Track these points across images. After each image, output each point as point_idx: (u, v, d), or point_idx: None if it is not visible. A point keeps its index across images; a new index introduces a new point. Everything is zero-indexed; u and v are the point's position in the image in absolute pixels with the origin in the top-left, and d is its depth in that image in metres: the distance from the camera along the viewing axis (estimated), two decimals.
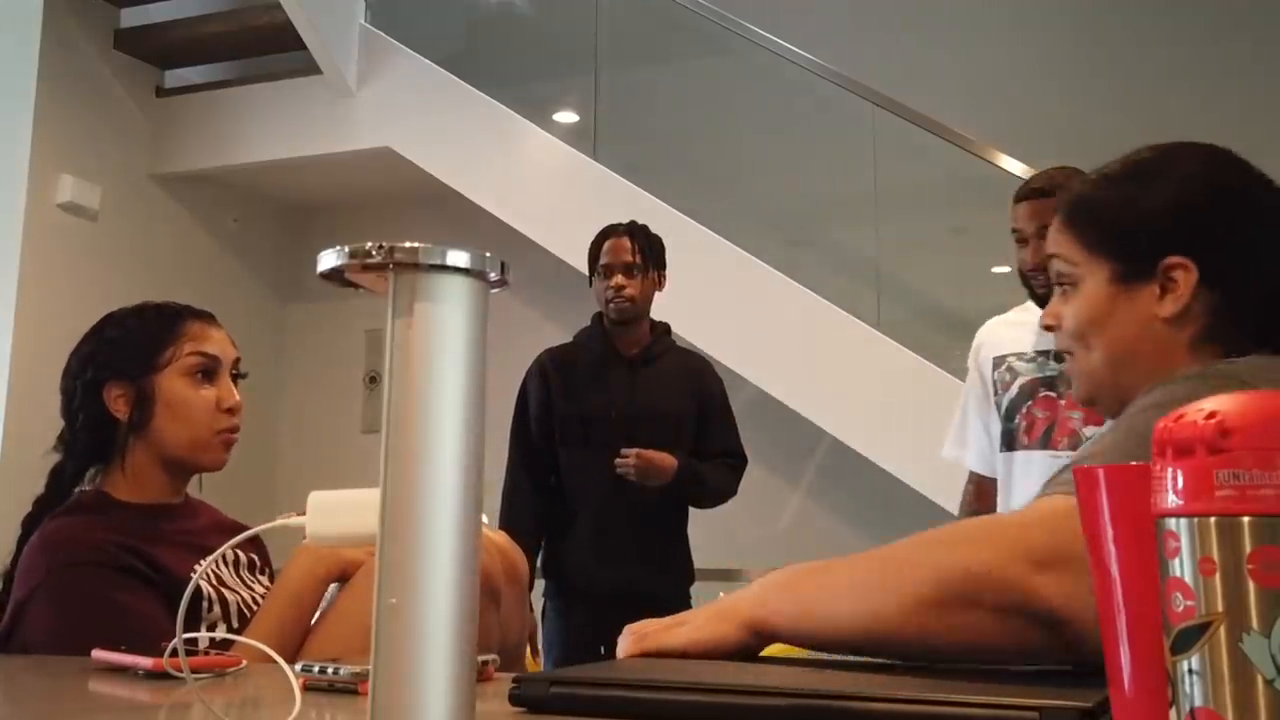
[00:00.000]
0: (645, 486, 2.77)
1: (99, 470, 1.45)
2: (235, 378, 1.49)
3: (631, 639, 0.94)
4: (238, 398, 1.46)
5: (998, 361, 2.31)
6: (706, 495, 2.93)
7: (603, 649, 2.73)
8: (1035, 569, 0.78)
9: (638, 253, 2.88)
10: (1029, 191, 2.21)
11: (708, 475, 2.88)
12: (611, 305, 2.86)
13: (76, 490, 1.44)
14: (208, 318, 1.49)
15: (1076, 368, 1.08)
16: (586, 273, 2.98)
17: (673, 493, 2.82)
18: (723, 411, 2.97)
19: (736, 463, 2.96)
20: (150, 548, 1.35)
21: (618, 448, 2.77)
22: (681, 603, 2.92)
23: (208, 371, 1.45)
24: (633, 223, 2.94)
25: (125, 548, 1.33)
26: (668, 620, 0.95)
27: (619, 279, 2.85)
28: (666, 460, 2.77)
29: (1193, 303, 1.00)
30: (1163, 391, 0.91)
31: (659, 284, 2.95)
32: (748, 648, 0.91)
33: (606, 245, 2.89)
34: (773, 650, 0.94)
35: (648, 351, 2.94)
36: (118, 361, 1.43)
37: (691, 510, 3.01)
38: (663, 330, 3.01)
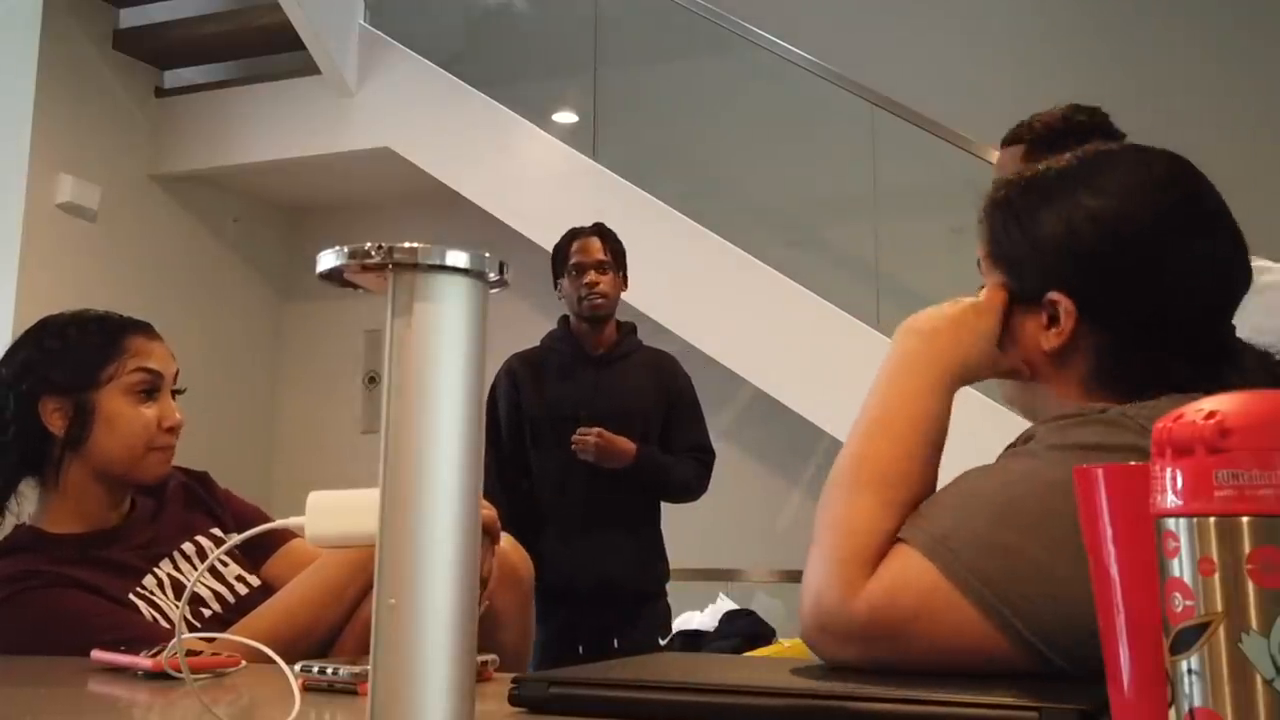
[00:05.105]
0: (605, 471, 2.79)
1: (35, 485, 1.39)
2: (174, 393, 1.43)
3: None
4: (179, 416, 1.41)
5: None
6: (670, 486, 2.93)
7: (581, 649, 2.75)
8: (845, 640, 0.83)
9: (608, 252, 2.93)
10: None
11: (670, 466, 2.89)
12: (585, 303, 2.90)
13: (11, 521, 1.38)
14: (149, 330, 1.44)
15: None
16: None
17: (634, 480, 2.83)
18: (690, 406, 2.99)
19: (705, 457, 2.97)
20: (90, 579, 1.29)
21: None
22: (658, 601, 2.95)
23: (150, 389, 1.39)
24: (599, 224, 2.99)
25: (62, 574, 1.28)
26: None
27: (592, 276, 2.89)
28: (625, 444, 2.79)
29: (1076, 341, 0.94)
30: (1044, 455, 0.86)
31: (624, 285, 2.99)
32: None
33: (575, 245, 2.94)
34: (773, 650, 0.95)
35: (615, 350, 2.96)
36: (57, 374, 1.36)
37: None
38: (629, 330, 3.04)
